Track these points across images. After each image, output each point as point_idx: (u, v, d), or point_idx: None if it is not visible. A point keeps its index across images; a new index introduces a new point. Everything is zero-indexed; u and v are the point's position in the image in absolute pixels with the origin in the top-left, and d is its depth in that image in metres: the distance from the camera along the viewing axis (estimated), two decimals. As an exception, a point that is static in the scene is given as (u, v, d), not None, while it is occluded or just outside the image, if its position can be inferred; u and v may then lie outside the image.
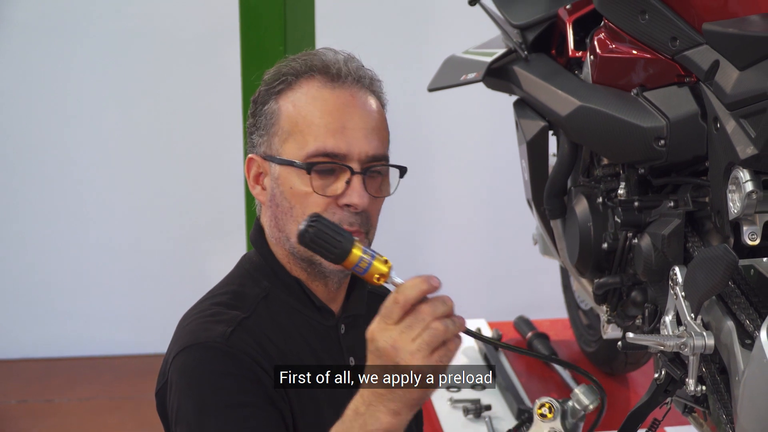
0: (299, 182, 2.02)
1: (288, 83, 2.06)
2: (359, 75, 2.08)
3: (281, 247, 2.08)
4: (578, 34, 2.82)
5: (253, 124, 2.10)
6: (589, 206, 2.64)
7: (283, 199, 2.04)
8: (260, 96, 2.09)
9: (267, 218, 2.09)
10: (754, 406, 1.88)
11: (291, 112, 2.03)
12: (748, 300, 2.05)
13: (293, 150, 2.02)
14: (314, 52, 2.11)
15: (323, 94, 2.04)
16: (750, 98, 1.98)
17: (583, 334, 3.78)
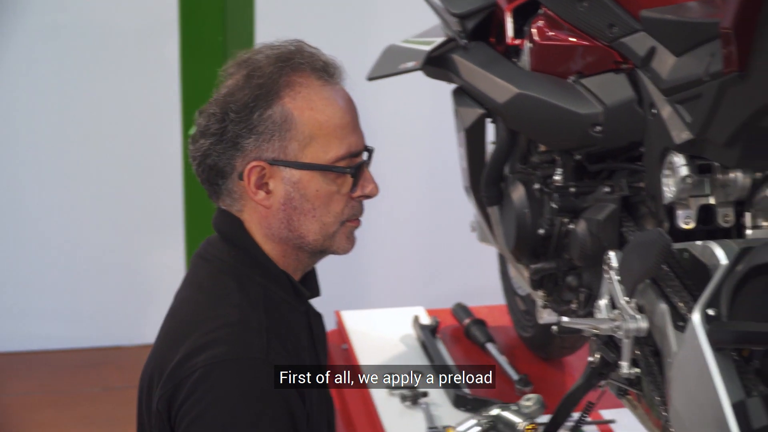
0: (324, 184, 2.07)
1: (286, 85, 2.05)
2: (339, 67, 2.15)
3: (281, 244, 2.12)
4: (517, 22, 2.83)
5: (246, 128, 2.04)
6: (526, 193, 2.66)
7: (304, 202, 2.07)
8: (251, 100, 2.04)
9: (269, 219, 2.10)
10: (686, 387, 1.91)
11: (309, 117, 2.05)
12: (682, 283, 2.08)
13: (317, 154, 2.06)
14: (284, 48, 2.12)
15: (330, 94, 2.09)
16: (686, 84, 2.01)
17: (520, 320, 3.80)
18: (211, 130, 2.07)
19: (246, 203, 2.11)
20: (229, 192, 2.11)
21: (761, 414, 1.72)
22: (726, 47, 1.78)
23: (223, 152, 2.06)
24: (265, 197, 2.07)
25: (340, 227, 2.13)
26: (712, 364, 1.81)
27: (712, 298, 1.86)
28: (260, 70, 2.06)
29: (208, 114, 2.08)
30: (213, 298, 2.07)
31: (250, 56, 2.11)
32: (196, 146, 2.11)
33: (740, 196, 2.12)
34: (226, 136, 2.05)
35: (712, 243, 1.97)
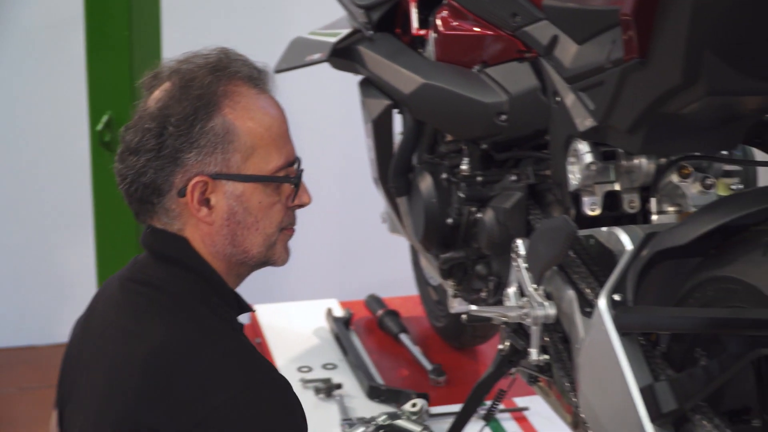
0: (266, 196, 2.00)
1: (224, 95, 1.98)
2: (270, 74, 2.10)
3: (225, 261, 2.02)
4: (422, 12, 2.84)
5: (186, 141, 1.94)
6: (434, 182, 2.67)
7: (247, 215, 1.99)
8: (191, 113, 1.95)
9: (213, 236, 2.00)
10: (594, 373, 1.93)
11: (250, 127, 1.98)
12: (589, 269, 2.10)
13: (259, 165, 1.99)
14: (214, 56, 2.04)
15: (266, 103, 2.04)
16: (588, 71, 2.03)
17: (432, 310, 3.81)
18: (147, 146, 1.96)
19: (186, 221, 2.00)
20: (166, 210, 2.00)
21: (669, 398, 1.73)
22: (626, 34, 1.79)
23: (161, 168, 1.96)
24: (207, 213, 1.98)
25: (279, 235, 2.07)
26: (618, 349, 1.83)
27: (617, 283, 1.87)
28: (197, 80, 1.98)
29: (142, 129, 1.97)
30: (196, 333, 1.95)
31: (178, 66, 2.03)
32: (127, 164, 1.99)
33: (645, 182, 2.14)
34: (165, 152, 1.95)
35: (617, 229, 1.99)
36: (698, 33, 1.64)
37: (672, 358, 1.89)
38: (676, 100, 1.78)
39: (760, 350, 1.58)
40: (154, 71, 2.06)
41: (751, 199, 1.75)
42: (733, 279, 1.70)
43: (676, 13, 1.66)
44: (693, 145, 1.99)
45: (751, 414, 1.87)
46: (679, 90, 1.74)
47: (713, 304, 1.76)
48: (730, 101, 1.79)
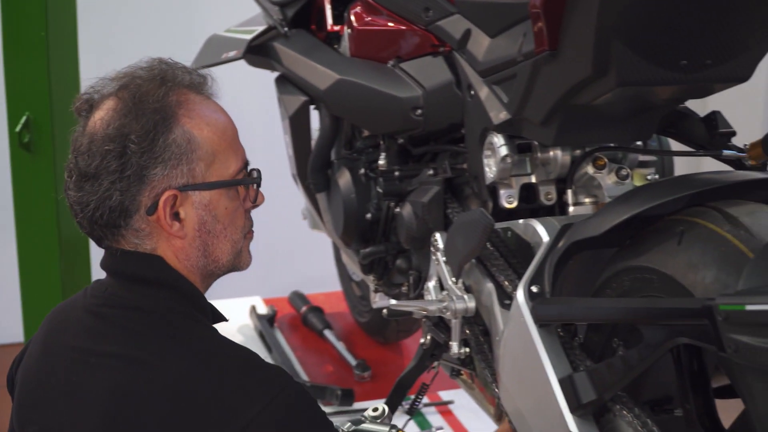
0: (229, 201, 1.97)
1: (178, 105, 1.92)
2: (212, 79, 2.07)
3: (198, 274, 1.98)
4: (336, 8, 2.83)
5: (151, 158, 1.88)
6: (352, 178, 2.66)
7: (216, 223, 1.96)
8: (151, 128, 1.89)
9: (186, 250, 1.95)
10: (513, 364, 1.93)
11: (209, 135, 1.94)
12: (507, 262, 2.10)
13: (220, 171, 1.95)
14: (156, 67, 1.98)
15: (216, 107, 2.01)
16: (501, 65, 2.03)
17: (356, 306, 3.81)
18: (110, 168, 1.88)
19: (158, 239, 1.94)
20: (135, 231, 1.93)
21: (588, 388, 1.74)
22: (536, 27, 1.79)
23: (127, 189, 1.88)
24: (179, 228, 1.92)
25: (243, 242, 2.05)
26: (537, 340, 1.83)
27: (535, 275, 1.87)
28: (149, 94, 1.92)
29: (100, 152, 1.89)
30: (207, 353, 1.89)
31: (122, 84, 1.96)
32: (86, 191, 1.91)
33: (561, 174, 2.15)
34: (129, 171, 1.88)
35: (533, 221, 1.99)
36: (607, 24, 1.64)
37: (590, 348, 1.90)
38: (587, 91, 1.78)
39: (676, 339, 1.59)
40: (84, 95, 1.99)
41: (664, 189, 1.76)
42: (649, 269, 1.71)
43: (584, 5, 1.66)
44: (607, 136, 2.00)
45: (672, 403, 1.89)
46: (590, 81, 1.75)
47: (630, 294, 1.77)
48: (641, 92, 1.80)
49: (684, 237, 1.65)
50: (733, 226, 1.60)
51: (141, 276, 1.95)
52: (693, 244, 1.63)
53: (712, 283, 1.56)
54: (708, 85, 1.80)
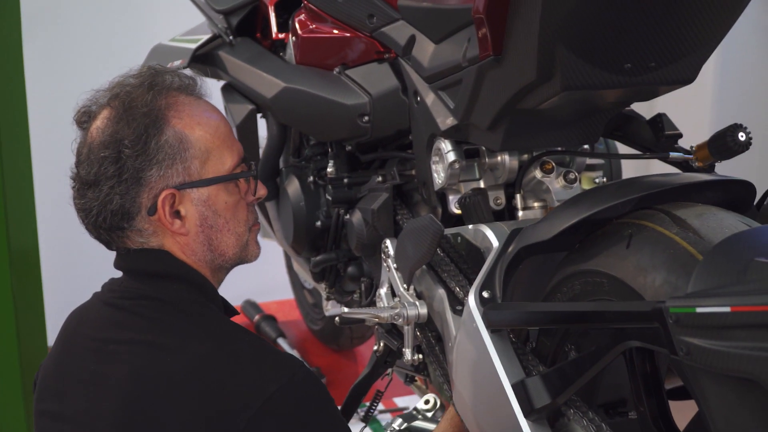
0: (229, 195, 2.05)
1: (167, 108, 2.00)
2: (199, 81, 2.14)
3: (207, 268, 2.07)
4: (281, 16, 2.81)
5: (145, 160, 1.96)
6: (301, 186, 2.65)
7: (217, 218, 2.04)
8: (143, 131, 1.96)
9: (191, 245, 2.04)
10: (466, 369, 1.92)
11: (201, 134, 2.01)
12: (458, 267, 2.10)
13: (216, 167, 2.03)
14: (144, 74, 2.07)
15: (206, 107, 2.08)
16: (446, 70, 2.02)
17: (309, 313, 3.80)
18: (107, 173, 1.97)
19: (163, 237, 2.03)
20: (139, 232, 2.02)
21: (541, 393, 1.73)
22: (480, 32, 1.79)
23: (126, 192, 1.97)
24: (180, 225, 2.01)
25: (249, 234, 2.12)
26: (489, 345, 1.82)
27: (486, 280, 1.87)
28: (138, 99, 2.00)
29: (97, 159, 1.98)
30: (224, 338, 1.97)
31: (113, 93, 2.04)
32: (89, 198, 2.00)
33: (509, 179, 2.15)
34: (126, 175, 1.97)
35: (483, 226, 1.99)
36: (550, 29, 1.64)
37: (543, 353, 1.90)
38: (532, 96, 1.78)
39: (627, 343, 1.59)
40: (83, 107, 2.08)
41: (612, 192, 1.76)
42: (599, 272, 1.71)
43: (526, 10, 1.66)
44: (554, 140, 1.99)
45: (626, 406, 1.90)
46: (535, 86, 1.75)
47: (581, 297, 1.77)
48: (586, 95, 1.80)
49: (633, 240, 1.65)
50: (682, 228, 1.60)
51: (152, 270, 2.04)
52: (642, 247, 1.63)
53: (662, 286, 1.56)
54: (653, 87, 1.80)
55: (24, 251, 3.41)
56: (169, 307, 2.00)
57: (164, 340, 1.95)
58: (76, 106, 2.11)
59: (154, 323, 1.98)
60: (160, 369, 1.91)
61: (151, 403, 1.90)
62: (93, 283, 2.17)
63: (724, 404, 1.46)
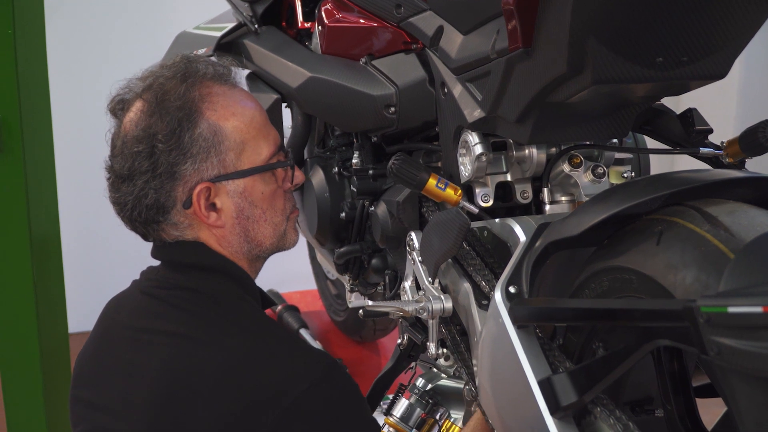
0: (265, 185, 2.06)
1: (201, 99, 2.00)
2: (232, 69, 2.15)
3: (244, 259, 2.08)
4: (307, 5, 2.80)
5: (180, 154, 1.97)
6: (325, 177, 2.64)
7: (254, 209, 2.04)
8: (176, 125, 1.97)
9: (227, 237, 2.06)
10: (491, 365, 1.90)
11: (236, 125, 2.02)
12: (483, 261, 2.08)
13: (252, 157, 2.04)
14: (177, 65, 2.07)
15: (241, 96, 2.08)
16: (474, 62, 2.00)
17: (332, 304, 3.79)
18: (141, 168, 1.98)
19: (198, 229, 2.05)
20: (175, 225, 2.04)
21: (568, 390, 1.71)
22: (510, 24, 1.76)
23: (161, 186, 1.99)
24: (216, 217, 2.02)
25: (287, 223, 2.14)
26: (516, 341, 1.80)
27: (512, 275, 1.85)
28: (171, 92, 2.00)
29: (131, 154, 1.99)
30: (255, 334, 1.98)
31: (146, 85, 2.04)
32: (123, 192, 2.02)
33: (536, 172, 2.13)
34: (160, 169, 1.98)
35: (510, 220, 1.97)
36: (581, 21, 1.61)
37: (570, 349, 1.88)
38: (562, 89, 1.76)
39: (656, 341, 1.57)
40: (117, 96, 2.08)
41: (642, 188, 1.73)
42: (628, 269, 1.69)
43: (558, 1, 1.63)
44: (582, 133, 1.97)
45: (653, 404, 1.88)
46: (565, 79, 1.72)
47: (609, 294, 1.75)
48: (617, 89, 1.78)
49: (663, 237, 1.63)
50: (713, 225, 1.58)
51: (189, 262, 2.05)
52: (672, 244, 1.60)
53: (693, 284, 1.53)
54: (684, 82, 1.77)
55: (45, 239, 3.41)
56: (205, 299, 2.00)
57: (198, 333, 1.95)
58: (109, 95, 2.10)
59: (189, 315, 1.99)
60: (193, 362, 1.92)
61: (182, 397, 1.91)
62: (114, 272, 2.17)
63: (755, 405, 1.44)
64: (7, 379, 3.37)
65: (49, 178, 3.42)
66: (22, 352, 3.34)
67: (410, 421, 2.36)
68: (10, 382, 3.37)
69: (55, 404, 3.38)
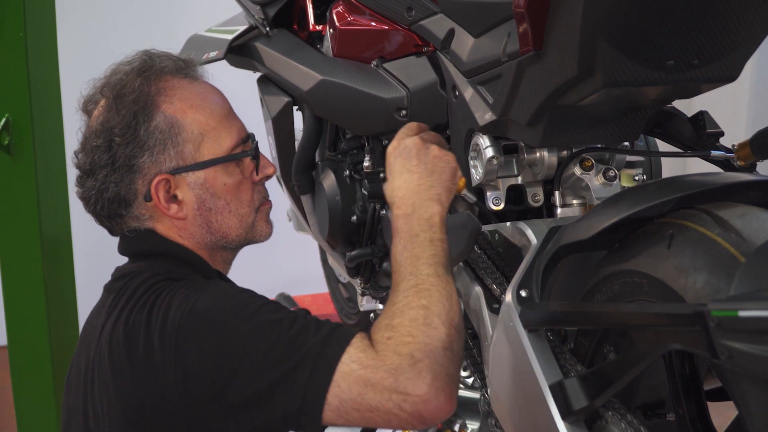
0: (228, 176, 2.05)
1: (157, 93, 2.01)
2: (196, 62, 2.16)
3: (206, 249, 2.08)
4: (318, 7, 2.80)
5: (136, 147, 1.98)
6: (337, 180, 2.63)
7: (216, 200, 2.04)
8: (131, 118, 1.98)
9: (189, 229, 2.06)
10: (503, 369, 1.90)
11: (193, 116, 2.02)
12: (495, 265, 2.08)
13: (213, 149, 2.04)
14: (137, 60, 2.08)
15: (202, 89, 2.08)
16: (485, 65, 2.00)
17: (343, 307, 3.79)
18: (101, 162, 2.00)
19: (158, 221, 2.05)
20: (137, 217, 2.05)
21: (579, 394, 1.71)
22: (521, 27, 1.76)
23: (120, 180, 2.00)
24: (178, 209, 2.03)
25: (256, 215, 2.13)
26: (527, 345, 1.80)
27: (523, 279, 1.85)
28: (127, 86, 2.01)
29: (91, 148, 2.01)
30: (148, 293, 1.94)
31: (107, 81, 2.06)
32: (87, 186, 2.04)
33: (548, 175, 2.13)
34: (118, 163, 1.99)
35: (521, 223, 1.97)
36: (592, 24, 1.61)
37: (581, 353, 1.88)
38: (573, 92, 1.75)
39: (668, 345, 1.56)
40: (88, 95, 2.10)
41: (653, 191, 1.73)
42: (639, 273, 1.68)
43: (568, 5, 1.63)
44: (594, 136, 1.96)
45: (665, 407, 1.87)
46: (576, 82, 1.72)
47: (620, 298, 1.74)
48: (628, 92, 1.78)
49: (674, 240, 1.62)
50: (724, 229, 1.57)
51: (140, 250, 2.07)
52: (683, 248, 1.60)
53: (703, 288, 1.53)
54: (695, 85, 1.77)
55: (56, 240, 3.42)
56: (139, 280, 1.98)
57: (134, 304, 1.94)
58: (79, 96, 2.12)
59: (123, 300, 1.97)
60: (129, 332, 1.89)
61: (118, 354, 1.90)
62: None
63: (765, 409, 1.44)
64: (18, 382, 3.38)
65: (60, 180, 3.43)
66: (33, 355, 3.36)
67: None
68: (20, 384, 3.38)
69: (67, 406, 3.38)
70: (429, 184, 1.95)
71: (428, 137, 2.03)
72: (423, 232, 1.90)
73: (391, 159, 2.04)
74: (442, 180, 1.97)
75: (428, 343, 1.73)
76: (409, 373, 1.70)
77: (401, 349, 1.74)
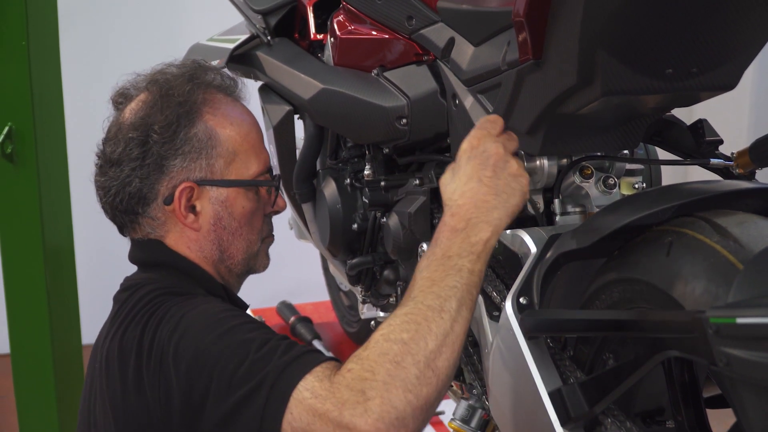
0: (247, 201, 2.06)
1: (203, 103, 2.03)
2: (240, 83, 2.19)
3: (212, 267, 2.07)
4: (319, 17, 2.81)
5: (171, 148, 2.00)
6: (337, 188, 2.64)
7: (231, 221, 2.05)
8: (174, 120, 1.99)
9: (200, 242, 2.05)
10: (503, 376, 1.91)
11: (230, 133, 2.04)
12: (495, 272, 2.08)
13: (241, 170, 2.05)
14: (187, 66, 2.11)
15: (242, 110, 2.11)
16: (485, 73, 2.01)
17: (345, 315, 3.79)
18: (132, 155, 2.00)
19: (170, 228, 2.05)
20: (151, 220, 2.04)
21: (579, 401, 1.72)
22: (520, 36, 1.77)
23: (147, 176, 2.00)
24: (194, 219, 2.03)
25: (261, 245, 2.14)
26: (526, 353, 1.81)
27: (523, 286, 1.85)
28: (176, 88, 2.02)
29: (124, 139, 2.01)
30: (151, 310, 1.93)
31: (152, 78, 2.08)
32: (109, 176, 2.03)
33: (547, 183, 2.13)
34: (150, 159, 1.99)
35: (521, 231, 1.97)
36: (591, 33, 1.62)
37: (580, 360, 1.88)
38: (573, 100, 1.76)
39: (667, 352, 1.57)
40: (121, 89, 2.11)
41: (652, 199, 1.74)
42: (638, 280, 1.69)
43: (567, 13, 1.64)
44: (593, 145, 1.97)
45: (664, 414, 1.88)
46: (576, 90, 1.73)
47: (619, 305, 1.75)
48: (627, 101, 1.78)
49: (672, 248, 1.63)
50: (722, 236, 1.58)
51: (146, 260, 2.07)
52: (682, 255, 1.61)
53: (702, 295, 1.54)
54: (694, 93, 1.78)
55: (59, 249, 3.43)
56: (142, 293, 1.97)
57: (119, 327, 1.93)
58: (115, 86, 2.12)
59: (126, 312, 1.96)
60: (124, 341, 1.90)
61: None
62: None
63: (764, 415, 1.44)
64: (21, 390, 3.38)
65: (63, 189, 3.44)
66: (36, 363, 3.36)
67: (472, 422, 2.32)
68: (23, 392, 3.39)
69: (69, 415, 3.39)
70: (494, 204, 1.80)
71: (510, 146, 1.87)
72: (459, 257, 1.76)
73: (464, 157, 1.87)
74: (508, 205, 1.82)
75: (387, 383, 1.64)
76: (354, 410, 1.63)
77: (355, 384, 1.66)
